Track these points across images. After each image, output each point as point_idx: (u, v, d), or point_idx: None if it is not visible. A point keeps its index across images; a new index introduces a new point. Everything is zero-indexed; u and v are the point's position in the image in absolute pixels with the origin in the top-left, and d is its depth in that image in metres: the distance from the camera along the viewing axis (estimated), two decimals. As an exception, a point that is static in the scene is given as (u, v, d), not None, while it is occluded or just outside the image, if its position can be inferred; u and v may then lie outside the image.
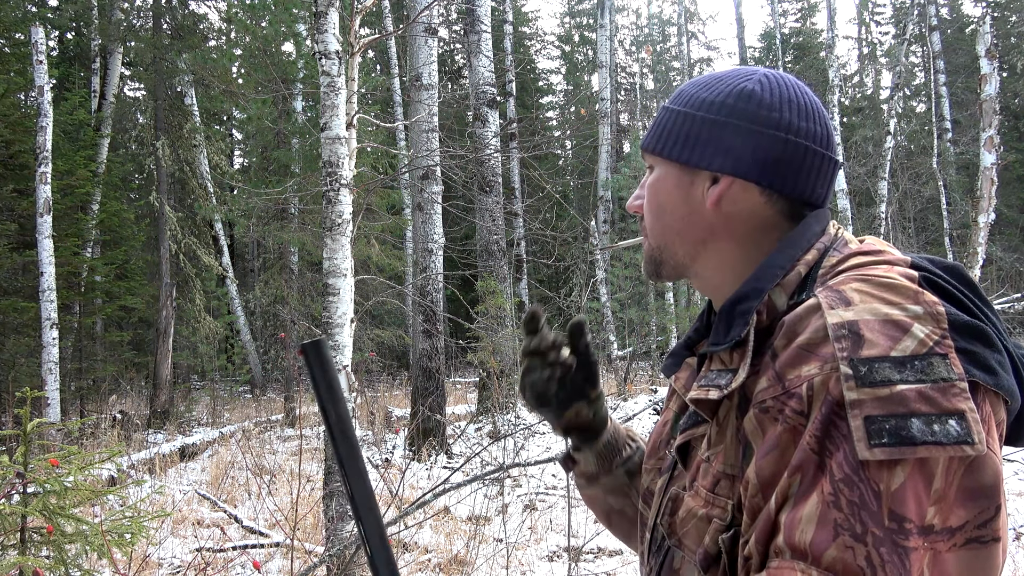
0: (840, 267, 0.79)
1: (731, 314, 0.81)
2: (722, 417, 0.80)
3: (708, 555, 0.77)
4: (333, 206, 4.26)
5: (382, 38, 14.94)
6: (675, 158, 0.88)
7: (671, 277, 0.93)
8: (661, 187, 0.90)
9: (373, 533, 0.79)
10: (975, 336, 0.69)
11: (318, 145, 6.34)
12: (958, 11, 23.89)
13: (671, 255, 0.91)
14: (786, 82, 0.86)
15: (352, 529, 4.08)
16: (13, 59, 10.91)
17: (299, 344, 0.80)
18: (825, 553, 0.63)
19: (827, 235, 0.84)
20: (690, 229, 0.88)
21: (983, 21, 7.92)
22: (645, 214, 0.93)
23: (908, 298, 0.69)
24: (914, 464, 0.63)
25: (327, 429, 0.80)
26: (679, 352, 0.95)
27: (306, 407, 10.54)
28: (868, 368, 0.65)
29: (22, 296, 9.88)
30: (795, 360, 0.70)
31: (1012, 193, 18.71)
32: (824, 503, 0.64)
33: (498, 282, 9.11)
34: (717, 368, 0.82)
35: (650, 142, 0.91)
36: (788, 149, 0.83)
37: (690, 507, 0.81)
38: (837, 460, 0.65)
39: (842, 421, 0.65)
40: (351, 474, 0.79)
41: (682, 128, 0.88)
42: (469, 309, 9.00)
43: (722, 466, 0.78)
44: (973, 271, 7.39)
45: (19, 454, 2.70)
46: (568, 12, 27.34)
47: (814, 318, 0.71)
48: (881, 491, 0.63)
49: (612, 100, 19.56)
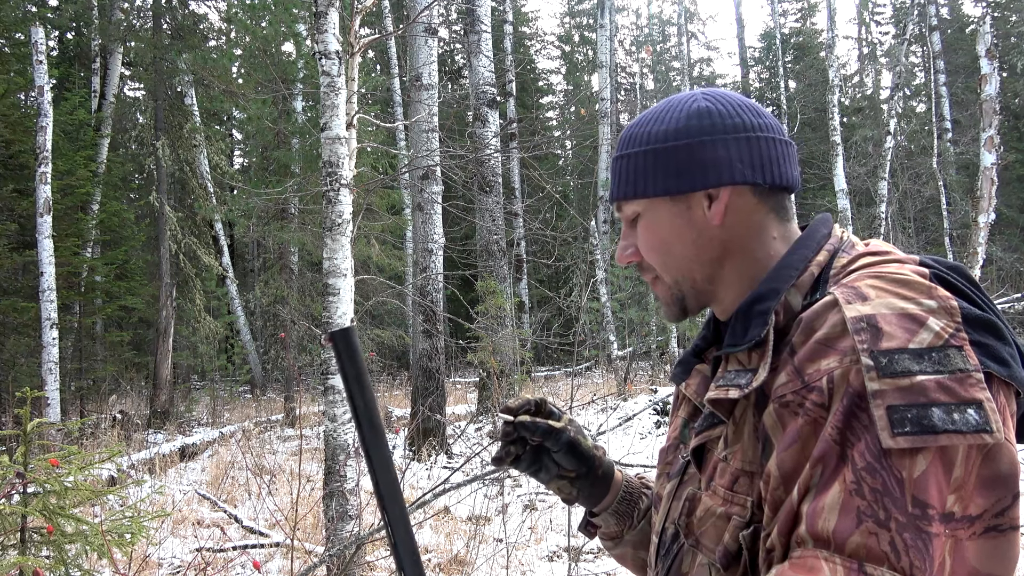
0: (851, 267, 0.81)
1: (748, 315, 0.82)
2: (738, 416, 0.81)
3: (728, 552, 0.78)
4: (333, 206, 4.27)
5: (382, 38, 14.95)
6: (663, 192, 0.88)
7: (696, 309, 0.93)
8: (659, 225, 0.90)
9: (398, 522, 0.80)
10: (987, 329, 0.71)
11: (318, 145, 6.34)
12: (958, 11, 23.88)
13: (691, 284, 0.91)
14: (724, 92, 0.91)
15: (352, 529, 4.08)
16: (13, 59, 10.91)
17: (328, 332, 0.82)
18: (849, 540, 0.64)
19: (834, 237, 0.87)
20: (704, 251, 0.89)
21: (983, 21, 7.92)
22: (648, 259, 0.92)
23: (922, 293, 0.71)
24: (935, 452, 0.65)
25: (354, 418, 0.81)
26: (688, 360, 0.96)
27: (306, 407, 10.55)
28: (888, 359, 0.67)
29: (22, 296, 9.88)
30: (814, 355, 0.72)
31: (1012, 193, 18.71)
32: (847, 491, 0.65)
33: (498, 282, 9.11)
34: (735, 368, 0.83)
35: (626, 189, 0.91)
36: (760, 145, 0.87)
37: (708, 506, 0.82)
38: (859, 449, 0.66)
39: (863, 412, 0.67)
40: (377, 463, 0.80)
41: (655, 164, 0.89)
42: (469, 309, 9.00)
43: (740, 464, 0.79)
44: (973, 271, 7.38)
45: (19, 454, 2.70)
46: (568, 12, 27.34)
47: (831, 314, 0.73)
48: (904, 478, 0.64)
49: (612, 100, 19.54)
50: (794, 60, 24.99)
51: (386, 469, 0.80)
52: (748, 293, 0.87)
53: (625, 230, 0.95)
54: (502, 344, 8.63)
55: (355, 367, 0.79)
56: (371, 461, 0.80)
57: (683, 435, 0.96)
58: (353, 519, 4.13)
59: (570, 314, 13.66)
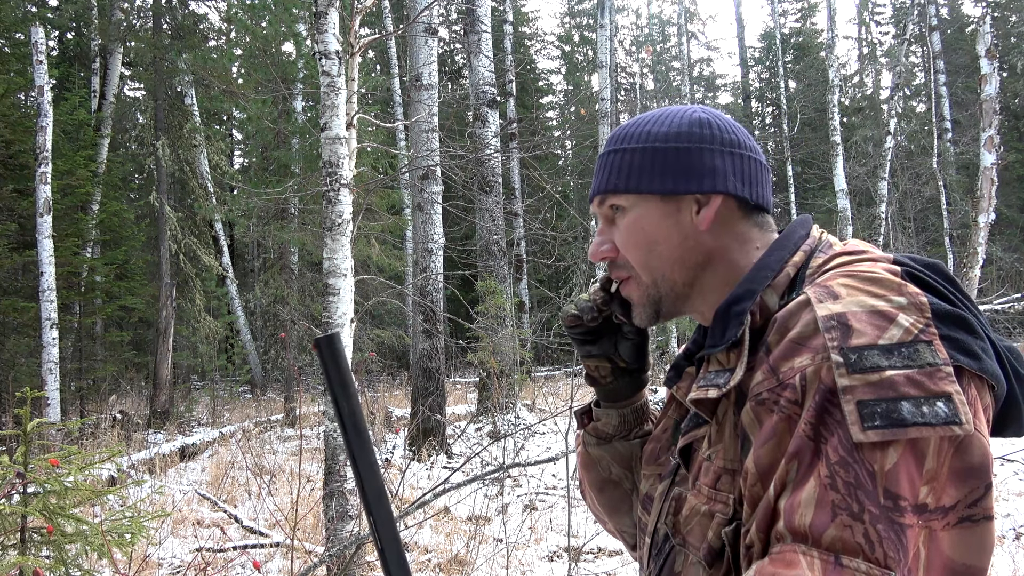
0: (826, 267, 0.83)
1: (726, 316, 0.84)
2: (720, 416, 0.83)
3: (712, 550, 0.79)
4: (333, 206, 4.27)
5: (382, 38, 14.94)
6: (658, 190, 0.89)
7: (670, 313, 0.93)
8: (645, 222, 0.90)
9: (385, 527, 0.80)
10: (957, 324, 0.72)
11: (318, 145, 6.34)
12: (958, 11, 23.89)
13: (671, 287, 0.91)
14: (719, 112, 0.94)
15: (352, 529, 4.08)
16: (13, 59, 10.92)
17: (313, 339, 0.81)
18: (825, 533, 0.65)
19: (812, 238, 0.89)
20: (688, 255, 0.90)
21: (983, 21, 7.92)
22: (629, 256, 0.92)
23: (892, 290, 0.73)
24: (906, 445, 0.66)
25: (339, 424, 0.80)
26: (679, 364, 0.98)
27: (306, 407, 10.54)
28: (858, 356, 0.69)
29: (22, 296, 9.88)
30: (788, 353, 0.73)
31: (1012, 193, 18.71)
32: (822, 486, 0.66)
33: (498, 282, 9.11)
34: (715, 369, 0.84)
35: (617, 183, 0.91)
36: (750, 164, 0.91)
37: (693, 505, 0.84)
38: (832, 444, 0.67)
39: (835, 408, 0.68)
40: (363, 469, 0.80)
41: (652, 161, 0.89)
42: (469, 309, 9.00)
43: (723, 462, 0.81)
44: (973, 271, 7.39)
45: (19, 454, 2.70)
46: (568, 12, 27.36)
47: (804, 313, 0.74)
48: (875, 471, 0.66)
49: (612, 100, 19.49)
50: (794, 60, 25.00)
51: (372, 475, 0.80)
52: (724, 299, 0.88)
53: (602, 226, 0.94)
54: (502, 344, 8.63)
55: (339, 373, 0.79)
56: (356, 465, 0.80)
57: (674, 437, 0.97)
58: (353, 519, 4.13)
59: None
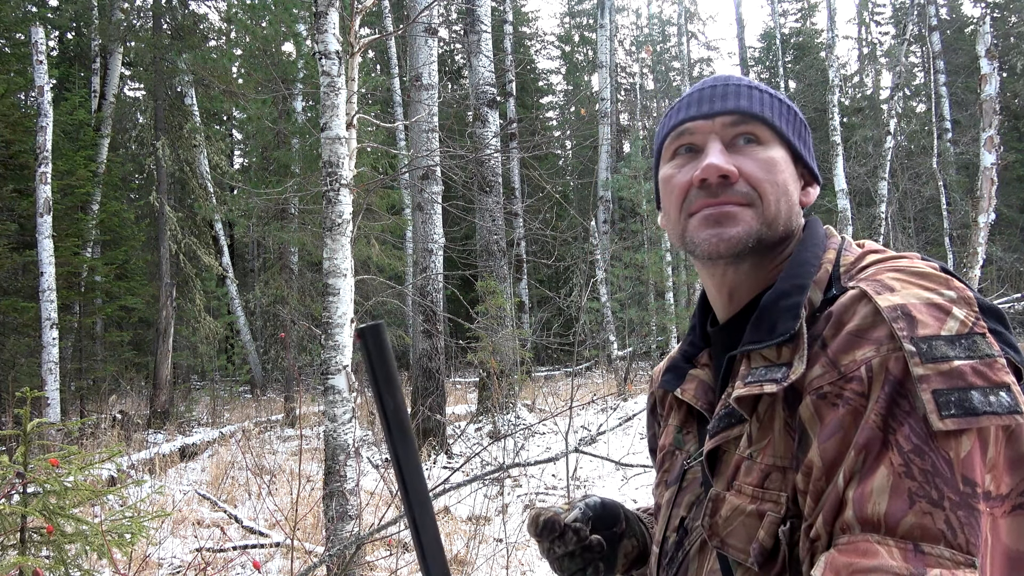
0: (861, 263, 0.84)
1: (774, 310, 0.82)
2: (763, 413, 0.81)
3: (764, 549, 0.77)
4: (333, 206, 4.26)
5: (382, 38, 14.94)
6: (794, 145, 0.91)
7: (753, 255, 0.88)
8: (784, 167, 0.89)
9: (428, 532, 0.74)
10: (997, 318, 0.75)
11: (318, 145, 6.34)
12: (958, 11, 23.89)
13: (777, 233, 0.88)
14: None
15: (352, 529, 4.08)
16: (13, 59, 10.92)
17: (356, 328, 0.75)
18: (903, 521, 0.65)
19: (834, 236, 0.90)
20: (789, 220, 0.90)
21: (983, 21, 7.92)
22: (762, 186, 0.87)
23: (941, 284, 0.74)
24: (976, 433, 0.67)
25: (382, 420, 0.74)
26: (679, 366, 0.96)
27: (306, 407, 10.54)
28: (928, 346, 0.70)
29: (22, 296, 9.88)
30: (848, 346, 0.73)
31: (1012, 193, 18.70)
32: (895, 474, 0.67)
33: (498, 282, 9.11)
34: (762, 365, 0.82)
35: (767, 113, 0.89)
36: None
37: (735, 505, 0.81)
38: (903, 433, 0.68)
39: (903, 399, 0.69)
40: (408, 474, 0.74)
41: (793, 119, 0.92)
42: (469, 309, 9.00)
43: (772, 459, 0.79)
44: (973, 271, 7.39)
45: (19, 454, 2.70)
46: (568, 12, 27.36)
47: (860, 306, 0.75)
48: (952, 459, 0.66)
49: (612, 100, 19.54)
50: (794, 60, 25.01)
51: (416, 477, 0.73)
52: (762, 282, 0.89)
53: (721, 147, 0.88)
54: (502, 344, 8.63)
55: (384, 366, 0.73)
56: (400, 469, 0.73)
57: (677, 440, 0.96)
58: (353, 519, 4.13)
59: (570, 314, 13.66)
